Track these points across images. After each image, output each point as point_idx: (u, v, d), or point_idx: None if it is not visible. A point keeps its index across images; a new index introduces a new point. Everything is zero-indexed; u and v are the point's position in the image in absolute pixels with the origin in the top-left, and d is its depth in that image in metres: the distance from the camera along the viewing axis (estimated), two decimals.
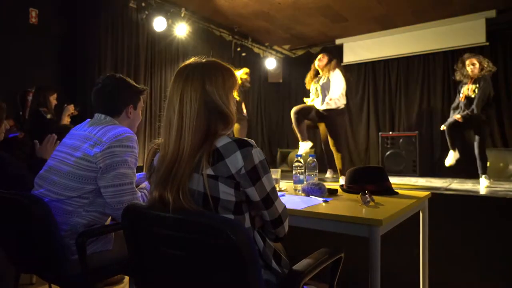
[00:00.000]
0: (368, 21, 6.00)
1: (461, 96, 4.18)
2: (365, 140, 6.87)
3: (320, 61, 4.49)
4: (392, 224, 1.51)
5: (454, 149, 4.23)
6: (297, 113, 4.50)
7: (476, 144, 4.04)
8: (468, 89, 4.11)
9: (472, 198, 3.03)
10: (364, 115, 6.93)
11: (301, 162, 2.13)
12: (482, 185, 3.88)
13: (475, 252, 2.58)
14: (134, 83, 1.79)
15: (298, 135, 4.47)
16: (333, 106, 4.32)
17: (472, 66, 4.06)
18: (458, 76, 4.28)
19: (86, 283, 1.48)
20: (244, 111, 4.98)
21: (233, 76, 1.14)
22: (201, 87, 1.05)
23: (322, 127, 4.67)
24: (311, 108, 4.54)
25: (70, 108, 3.77)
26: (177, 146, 1.03)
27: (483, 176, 3.94)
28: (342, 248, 1.33)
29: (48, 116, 3.53)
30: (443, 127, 4.27)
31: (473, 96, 4.05)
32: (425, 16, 5.79)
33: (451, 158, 4.23)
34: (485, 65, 4.06)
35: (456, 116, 4.09)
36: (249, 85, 5.13)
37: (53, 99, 3.70)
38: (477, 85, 4.04)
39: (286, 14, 5.65)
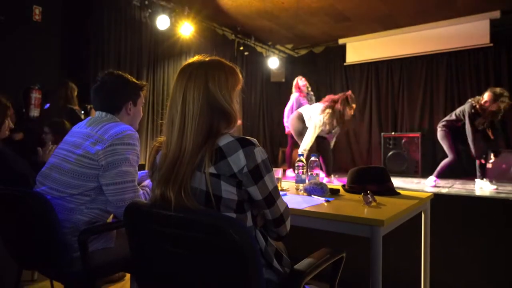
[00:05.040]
0: (371, 21, 5.98)
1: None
2: (367, 141, 6.87)
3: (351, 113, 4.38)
4: (394, 225, 1.50)
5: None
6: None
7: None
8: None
9: (474, 199, 3.02)
10: (366, 115, 6.92)
11: (303, 162, 2.13)
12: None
13: (476, 253, 2.57)
14: (133, 79, 1.76)
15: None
16: None
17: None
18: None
19: (88, 280, 1.48)
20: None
21: (236, 74, 1.13)
22: (204, 85, 1.05)
23: None
24: None
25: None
26: (179, 145, 1.03)
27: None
28: (343, 248, 1.33)
29: (83, 117, 3.47)
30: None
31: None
32: (428, 17, 5.77)
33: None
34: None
35: None
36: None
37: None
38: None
39: (289, 13, 5.64)
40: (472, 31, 5.72)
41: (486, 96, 3.92)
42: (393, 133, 6.11)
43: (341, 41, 6.94)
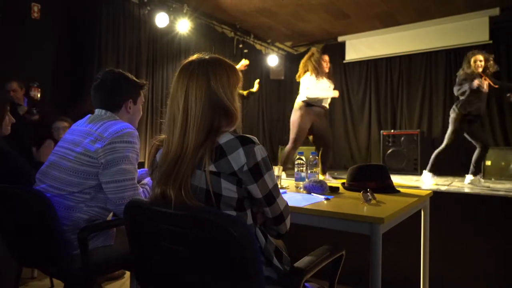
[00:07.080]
0: (370, 18, 5.98)
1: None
2: (367, 138, 6.87)
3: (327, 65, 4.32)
4: (393, 222, 1.51)
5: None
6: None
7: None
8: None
9: (473, 197, 3.03)
10: (365, 113, 6.92)
11: (302, 160, 2.13)
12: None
13: (476, 251, 2.58)
14: (134, 78, 1.76)
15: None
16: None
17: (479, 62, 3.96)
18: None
19: (88, 278, 1.48)
20: None
21: (236, 72, 1.14)
22: (206, 84, 1.05)
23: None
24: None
25: None
26: (181, 143, 1.03)
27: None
28: (343, 245, 1.33)
29: None
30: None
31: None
32: (428, 14, 5.76)
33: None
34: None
35: None
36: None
37: None
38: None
39: (289, 10, 5.63)
40: (471, 28, 5.72)
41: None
42: (392, 130, 6.11)
43: (340, 38, 6.93)
